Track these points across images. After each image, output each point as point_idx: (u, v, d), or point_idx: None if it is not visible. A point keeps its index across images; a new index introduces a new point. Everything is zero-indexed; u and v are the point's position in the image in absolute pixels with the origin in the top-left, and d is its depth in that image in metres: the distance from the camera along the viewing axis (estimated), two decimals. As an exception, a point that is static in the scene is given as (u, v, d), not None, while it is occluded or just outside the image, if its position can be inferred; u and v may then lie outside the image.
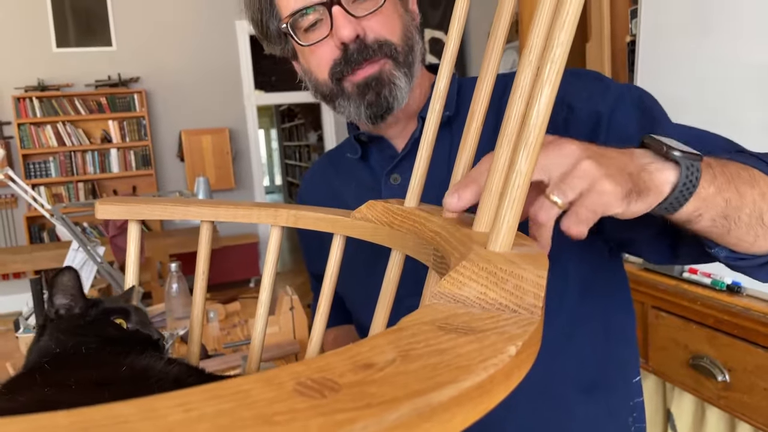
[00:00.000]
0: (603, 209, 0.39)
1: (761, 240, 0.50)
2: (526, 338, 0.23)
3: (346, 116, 0.75)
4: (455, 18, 0.45)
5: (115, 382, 0.37)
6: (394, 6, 0.71)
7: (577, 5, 0.29)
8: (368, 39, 0.68)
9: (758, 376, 1.22)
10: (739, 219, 0.48)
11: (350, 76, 0.70)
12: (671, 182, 0.43)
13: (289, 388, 0.17)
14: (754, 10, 1.33)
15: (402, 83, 0.70)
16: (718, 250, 0.52)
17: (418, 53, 0.73)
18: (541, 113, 0.30)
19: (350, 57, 0.68)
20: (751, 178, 0.49)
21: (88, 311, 0.50)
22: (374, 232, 0.52)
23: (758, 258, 0.52)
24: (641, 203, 0.42)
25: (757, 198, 0.48)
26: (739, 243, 0.50)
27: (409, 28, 0.73)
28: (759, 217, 0.48)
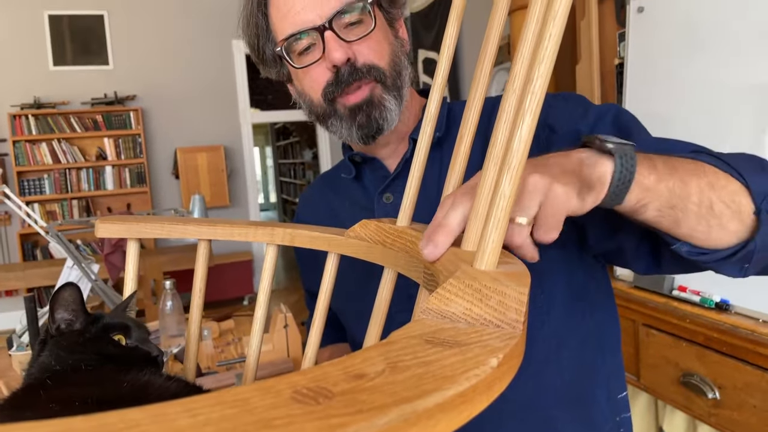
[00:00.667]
0: (564, 211, 0.42)
1: (716, 231, 0.51)
2: (508, 351, 0.24)
3: (338, 136, 0.78)
4: (444, 46, 0.47)
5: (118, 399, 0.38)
6: (384, 32, 0.75)
7: (556, 40, 0.31)
8: (358, 63, 0.72)
9: (747, 393, 1.23)
10: (686, 208, 0.49)
11: (342, 99, 0.73)
12: (609, 171, 0.46)
13: (287, 395, 0.19)
14: (740, 32, 1.37)
15: (392, 106, 0.73)
16: (679, 245, 0.53)
17: (406, 78, 0.76)
18: (522, 140, 0.32)
19: (341, 79, 0.72)
20: (698, 169, 0.50)
21: (88, 327, 0.51)
22: (368, 250, 0.54)
23: (720, 252, 0.53)
24: (591, 196, 0.45)
25: (705, 187, 0.49)
26: (693, 234, 0.51)
27: (398, 53, 0.76)
28: (709, 206, 0.49)
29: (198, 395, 0.19)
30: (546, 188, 0.41)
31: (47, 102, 4.80)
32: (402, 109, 0.75)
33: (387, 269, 0.53)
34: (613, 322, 0.78)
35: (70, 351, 0.47)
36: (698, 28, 1.47)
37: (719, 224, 0.50)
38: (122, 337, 0.50)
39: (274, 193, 12.18)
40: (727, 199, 0.50)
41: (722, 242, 0.52)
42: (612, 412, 0.76)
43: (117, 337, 0.50)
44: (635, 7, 1.63)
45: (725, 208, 0.50)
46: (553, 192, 0.41)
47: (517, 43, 0.36)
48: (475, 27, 3.03)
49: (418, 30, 3.77)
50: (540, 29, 0.32)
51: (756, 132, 1.33)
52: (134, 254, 0.60)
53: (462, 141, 0.46)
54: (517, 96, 0.36)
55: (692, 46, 1.48)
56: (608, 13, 1.87)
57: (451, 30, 0.46)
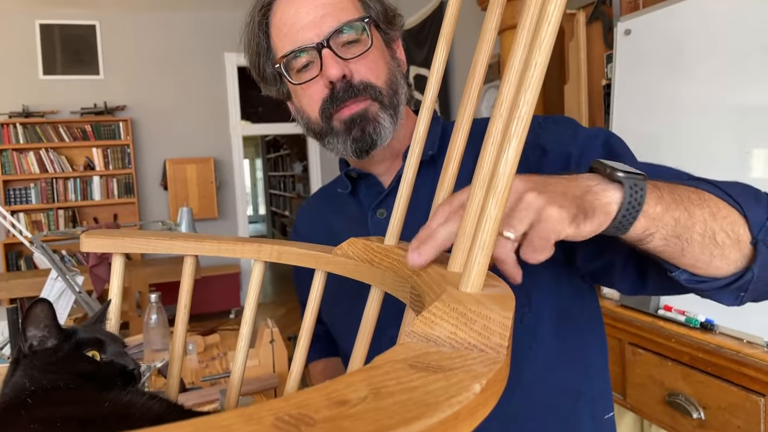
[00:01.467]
0: (554, 235, 0.41)
1: (717, 260, 0.51)
2: (491, 376, 0.24)
3: (335, 152, 0.80)
4: (434, 69, 0.47)
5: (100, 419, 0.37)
6: (380, 52, 0.77)
7: (542, 68, 0.31)
8: (354, 80, 0.73)
9: (731, 413, 1.24)
10: (692, 238, 0.49)
11: (337, 114, 0.75)
12: (617, 201, 0.45)
13: (268, 422, 0.19)
14: (725, 55, 1.40)
15: (386, 123, 0.75)
16: (678, 273, 0.53)
17: (402, 97, 0.78)
18: (509, 164, 0.32)
19: (336, 95, 0.73)
20: (700, 199, 0.51)
21: (61, 345, 0.50)
22: (355, 268, 0.54)
23: (718, 280, 0.53)
24: (590, 224, 0.44)
25: (708, 218, 0.50)
26: (696, 264, 0.51)
27: (394, 73, 0.78)
28: (711, 237, 0.50)
29: (179, 422, 0.19)
30: (540, 208, 0.41)
31: (36, 111, 4.77)
32: (397, 127, 0.77)
33: (374, 288, 0.53)
34: (600, 344, 0.78)
35: (43, 371, 0.46)
36: (684, 50, 1.49)
37: (721, 254, 0.51)
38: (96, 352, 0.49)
39: (264, 205, 12.15)
40: (729, 229, 0.51)
41: (721, 271, 0.52)
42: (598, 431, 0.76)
43: (91, 352, 0.49)
44: (623, 29, 1.66)
45: (726, 238, 0.50)
46: (546, 213, 0.41)
47: (505, 68, 0.36)
48: (466, 44, 3.07)
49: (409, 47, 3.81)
50: (527, 56, 0.33)
51: (740, 153, 1.35)
52: (119, 269, 0.59)
53: (450, 162, 0.47)
54: (503, 120, 0.37)
55: (678, 68, 1.51)
56: (596, 35, 1.91)
57: (440, 55, 0.46)
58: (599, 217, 0.44)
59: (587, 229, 0.44)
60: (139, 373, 0.52)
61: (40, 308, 0.49)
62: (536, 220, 0.41)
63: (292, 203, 8.94)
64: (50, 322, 0.50)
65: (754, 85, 1.31)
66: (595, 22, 1.90)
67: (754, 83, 1.31)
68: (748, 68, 1.33)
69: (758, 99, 1.29)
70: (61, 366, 0.47)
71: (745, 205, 0.52)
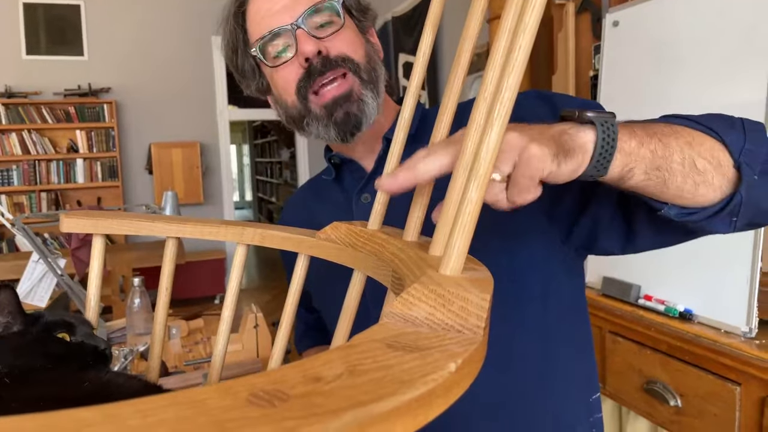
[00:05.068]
0: (538, 172, 0.41)
1: (702, 187, 0.52)
2: (467, 356, 0.24)
3: (315, 135, 0.79)
4: (419, 54, 0.47)
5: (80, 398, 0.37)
6: (355, 33, 0.78)
7: (525, 51, 0.31)
8: (331, 54, 0.73)
9: (708, 401, 1.26)
10: (671, 168, 0.50)
11: (316, 97, 0.74)
12: (592, 140, 0.46)
13: (243, 397, 0.19)
14: (712, 49, 1.41)
15: (369, 100, 0.75)
16: (667, 208, 0.54)
17: (381, 76, 0.78)
18: (490, 149, 0.32)
19: (313, 70, 0.73)
20: (674, 131, 0.52)
21: (29, 328, 0.49)
22: (338, 252, 0.54)
23: (707, 209, 0.54)
24: (571, 162, 0.44)
25: (684, 146, 0.50)
26: (681, 194, 0.52)
27: (370, 53, 0.78)
28: (691, 164, 0.50)
29: (157, 395, 0.19)
30: (521, 147, 0.41)
31: (18, 92, 4.68)
32: (379, 104, 0.76)
33: (356, 272, 0.53)
34: (586, 327, 0.80)
35: (15, 354, 0.46)
36: (671, 43, 1.50)
37: (704, 180, 0.51)
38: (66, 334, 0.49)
39: (250, 191, 12.09)
40: (707, 155, 0.51)
41: (708, 198, 0.53)
42: (586, 413, 0.77)
43: (61, 334, 0.49)
44: (611, 21, 1.66)
45: (707, 164, 0.51)
46: (528, 152, 0.41)
47: (490, 53, 0.36)
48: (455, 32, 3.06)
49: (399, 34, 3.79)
50: (511, 40, 0.33)
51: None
52: (100, 250, 0.59)
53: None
54: (487, 104, 0.37)
55: (665, 60, 1.52)
56: (585, 26, 1.91)
57: (427, 39, 0.46)
58: (578, 156, 0.45)
59: (569, 166, 0.44)
60: (110, 352, 0.52)
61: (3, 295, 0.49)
62: (519, 159, 0.41)
63: (279, 190, 8.90)
64: (14, 309, 0.49)
65: (741, 78, 1.32)
66: (583, 12, 1.90)
67: (741, 77, 1.32)
68: (735, 62, 1.34)
69: (745, 92, 1.30)
70: (32, 348, 0.47)
71: (720, 131, 0.53)
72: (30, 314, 0.50)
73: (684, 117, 0.56)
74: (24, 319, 0.49)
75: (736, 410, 1.20)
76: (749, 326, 1.24)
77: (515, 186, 0.42)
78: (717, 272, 1.33)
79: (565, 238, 0.72)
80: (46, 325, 0.49)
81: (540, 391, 0.73)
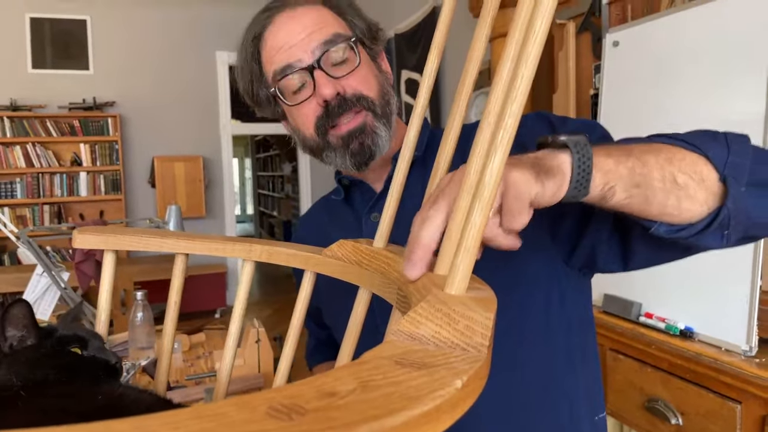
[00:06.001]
0: (526, 196, 0.42)
1: (686, 202, 0.52)
2: (472, 373, 0.26)
3: (333, 166, 0.83)
4: (425, 79, 0.49)
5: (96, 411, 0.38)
6: (369, 67, 0.80)
7: (527, 81, 0.33)
8: (347, 94, 0.76)
9: (709, 420, 1.26)
10: (652, 185, 0.50)
11: (334, 130, 0.78)
12: (567, 161, 0.47)
13: (262, 411, 0.20)
14: (711, 67, 1.43)
15: (382, 133, 0.78)
16: (656, 226, 0.54)
17: (394, 106, 0.81)
18: (494, 173, 0.33)
19: (332, 111, 0.76)
20: (652, 148, 0.52)
21: (42, 342, 0.50)
22: (344, 270, 0.55)
23: (696, 225, 0.54)
24: (552, 182, 0.45)
25: (663, 163, 0.51)
26: (665, 210, 0.52)
27: (384, 85, 0.81)
28: (672, 180, 0.51)
29: (179, 409, 0.20)
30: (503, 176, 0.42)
31: (23, 105, 4.72)
32: (392, 135, 0.80)
33: (362, 289, 0.54)
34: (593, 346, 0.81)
35: (30, 366, 0.47)
36: (671, 62, 1.53)
37: (687, 195, 0.51)
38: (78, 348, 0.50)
39: (252, 205, 12.11)
40: (689, 170, 0.52)
41: (694, 213, 0.53)
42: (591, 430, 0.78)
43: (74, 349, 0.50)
44: (611, 41, 1.69)
45: (689, 179, 0.51)
46: (510, 178, 0.42)
47: (494, 79, 0.38)
48: (458, 51, 3.09)
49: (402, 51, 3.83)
50: (514, 69, 0.35)
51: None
52: (110, 266, 0.60)
53: (438, 169, 0.48)
54: (491, 130, 0.38)
55: (664, 80, 1.54)
56: (585, 46, 1.94)
57: (431, 65, 0.48)
58: (557, 177, 0.46)
59: (551, 186, 0.45)
60: (121, 366, 0.53)
61: (18, 308, 0.50)
62: (505, 187, 0.42)
63: (280, 204, 8.92)
64: (29, 322, 0.51)
65: (739, 97, 1.34)
66: (584, 32, 1.93)
67: (738, 96, 1.34)
68: (732, 81, 1.36)
69: (742, 111, 1.32)
70: (46, 361, 0.48)
71: (702, 146, 0.53)
72: (43, 328, 0.51)
73: (666, 135, 0.56)
74: (38, 332, 0.50)
75: (737, 429, 1.20)
76: (749, 345, 1.24)
77: (508, 212, 0.43)
78: (717, 290, 1.34)
79: (567, 259, 0.74)
80: (60, 339, 0.50)
81: (543, 407, 0.74)
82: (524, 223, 0.43)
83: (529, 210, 0.43)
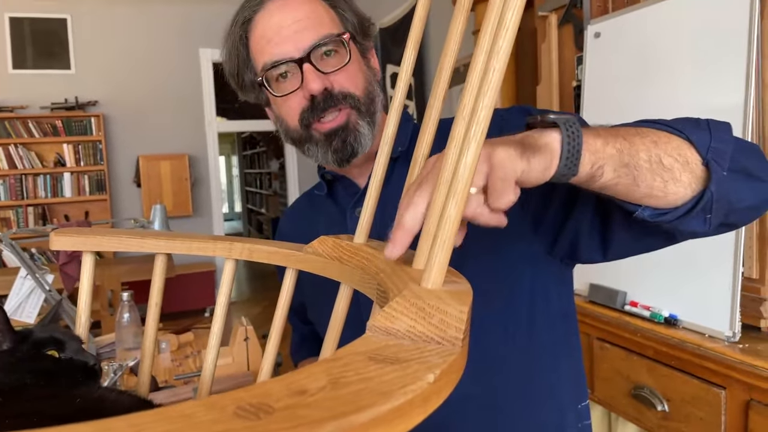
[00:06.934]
0: (511, 173, 0.43)
1: (671, 185, 0.53)
2: (445, 367, 0.26)
3: (314, 159, 0.82)
4: (401, 75, 0.49)
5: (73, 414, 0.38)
6: (358, 63, 0.80)
7: (499, 73, 0.33)
8: (334, 90, 0.76)
9: (695, 406, 1.28)
10: (639, 165, 0.51)
11: (318, 125, 0.77)
12: (557, 139, 0.47)
13: (230, 411, 0.20)
14: (693, 57, 1.44)
15: (365, 131, 0.78)
16: (641, 210, 0.55)
17: (379, 104, 0.81)
18: (467, 167, 0.34)
19: (317, 105, 0.76)
20: (638, 131, 0.53)
21: (18, 347, 0.50)
22: (325, 266, 0.55)
23: (680, 208, 0.55)
24: (540, 160, 0.45)
25: (650, 145, 0.52)
26: (651, 192, 0.53)
27: (371, 82, 0.81)
28: (658, 161, 0.52)
29: (146, 411, 0.20)
30: (488, 155, 0.42)
31: (5, 106, 4.65)
32: (375, 133, 0.80)
33: (343, 285, 0.54)
34: (575, 333, 0.82)
35: (5, 372, 0.46)
36: (651, 52, 1.54)
37: (672, 177, 0.52)
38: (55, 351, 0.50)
39: (239, 202, 12.05)
40: (674, 153, 0.53)
41: (679, 196, 0.54)
42: (574, 420, 0.79)
43: (50, 351, 0.49)
44: (592, 32, 1.69)
45: (674, 162, 0.52)
46: (495, 157, 0.42)
47: (468, 73, 0.38)
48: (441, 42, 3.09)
49: (387, 45, 3.82)
50: (486, 62, 0.35)
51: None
52: (89, 267, 0.60)
53: (416, 164, 0.48)
54: (465, 123, 0.38)
55: (646, 70, 1.55)
56: (567, 38, 1.94)
57: (408, 60, 0.48)
58: (546, 155, 0.46)
59: (539, 164, 0.45)
60: (100, 368, 0.53)
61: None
62: (489, 167, 0.42)
63: (268, 201, 8.89)
64: (2, 326, 0.50)
65: (722, 87, 1.35)
66: (566, 24, 1.94)
67: (721, 86, 1.35)
68: (715, 71, 1.37)
69: (725, 102, 1.33)
70: (22, 366, 0.48)
71: (685, 131, 0.54)
72: (19, 331, 0.51)
73: (651, 121, 0.57)
74: (13, 336, 0.50)
75: (722, 414, 1.22)
76: (733, 330, 1.26)
77: (493, 192, 0.43)
78: (700, 278, 1.36)
79: (550, 249, 0.74)
80: (36, 342, 0.50)
81: (526, 397, 0.75)
82: (511, 202, 0.43)
83: (515, 189, 0.43)
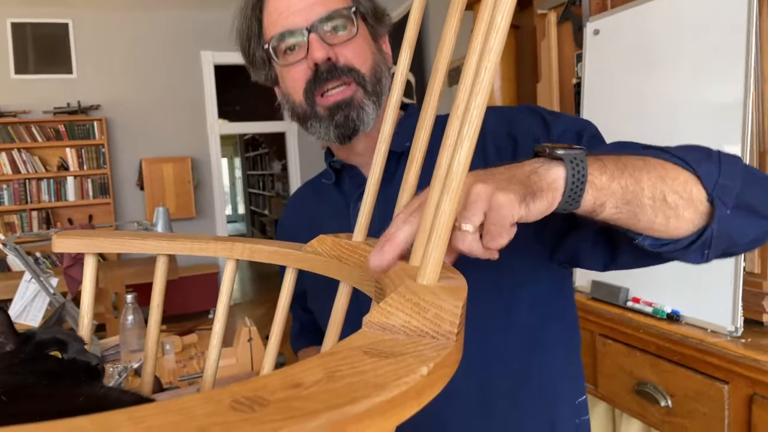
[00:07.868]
0: (508, 219, 0.43)
1: (674, 221, 0.53)
2: (439, 360, 0.26)
3: (316, 136, 0.82)
4: (398, 73, 0.49)
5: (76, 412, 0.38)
6: (366, 41, 0.80)
7: (491, 73, 0.33)
8: (339, 62, 0.76)
9: (697, 401, 1.28)
10: (642, 203, 0.51)
11: (321, 99, 0.78)
12: (562, 177, 0.47)
13: (226, 404, 0.20)
14: (692, 53, 1.44)
15: (370, 110, 0.78)
16: (641, 239, 0.55)
17: (386, 86, 0.81)
18: (461, 163, 0.34)
19: (320, 76, 0.76)
20: (647, 164, 0.53)
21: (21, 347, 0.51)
22: (324, 264, 0.56)
23: (680, 241, 0.55)
24: (539, 202, 0.46)
25: (656, 181, 0.52)
26: (652, 227, 0.53)
27: (379, 63, 0.81)
28: (662, 199, 0.51)
29: (146, 404, 0.20)
30: (488, 197, 0.43)
31: (7, 111, 4.68)
32: (379, 114, 0.79)
33: (343, 283, 0.55)
34: (575, 330, 0.82)
35: (9, 373, 0.47)
36: (651, 49, 1.54)
37: (675, 214, 0.52)
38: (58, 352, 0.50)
39: (243, 204, 12.07)
40: (680, 189, 0.52)
41: (681, 231, 0.54)
42: (572, 415, 0.79)
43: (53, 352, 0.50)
44: (591, 29, 1.69)
45: (678, 199, 0.52)
46: (495, 201, 0.43)
47: (462, 72, 0.38)
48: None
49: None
50: (478, 61, 0.35)
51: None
52: (92, 270, 0.60)
53: (413, 162, 0.49)
54: (460, 121, 0.39)
55: (646, 67, 1.55)
56: (567, 35, 1.95)
57: (404, 59, 0.48)
58: (548, 195, 0.46)
59: (537, 207, 0.45)
60: (102, 368, 0.53)
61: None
62: (488, 208, 0.43)
63: (271, 202, 8.90)
64: (5, 329, 0.51)
65: (721, 83, 1.35)
66: (565, 22, 1.94)
67: (720, 82, 1.35)
68: (714, 67, 1.37)
69: (725, 97, 1.33)
70: (25, 367, 0.48)
71: (695, 164, 0.54)
72: (22, 333, 0.51)
73: (661, 149, 0.57)
74: (16, 338, 0.50)
75: (725, 409, 1.22)
76: (735, 325, 1.26)
77: (488, 234, 0.44)
78: (702, 273, 1.36)
79: (551, 255, 0.74)
80: (38, 343, 0.50)
81: (524, 393, 0.75)
82: (504, 244, 0.44)
83: (510, 232, 0.44)
